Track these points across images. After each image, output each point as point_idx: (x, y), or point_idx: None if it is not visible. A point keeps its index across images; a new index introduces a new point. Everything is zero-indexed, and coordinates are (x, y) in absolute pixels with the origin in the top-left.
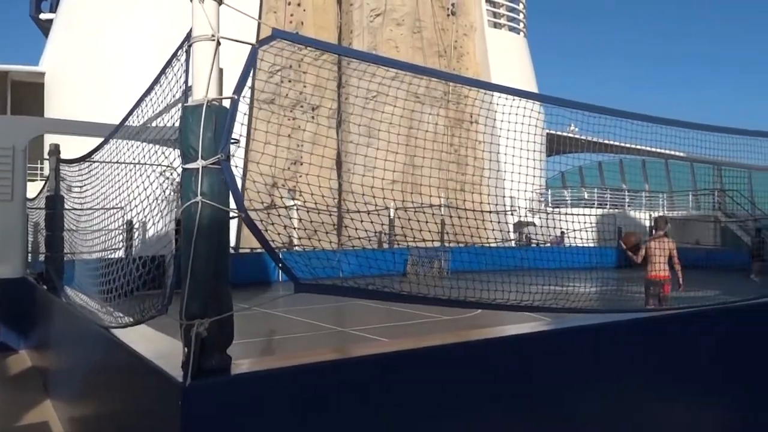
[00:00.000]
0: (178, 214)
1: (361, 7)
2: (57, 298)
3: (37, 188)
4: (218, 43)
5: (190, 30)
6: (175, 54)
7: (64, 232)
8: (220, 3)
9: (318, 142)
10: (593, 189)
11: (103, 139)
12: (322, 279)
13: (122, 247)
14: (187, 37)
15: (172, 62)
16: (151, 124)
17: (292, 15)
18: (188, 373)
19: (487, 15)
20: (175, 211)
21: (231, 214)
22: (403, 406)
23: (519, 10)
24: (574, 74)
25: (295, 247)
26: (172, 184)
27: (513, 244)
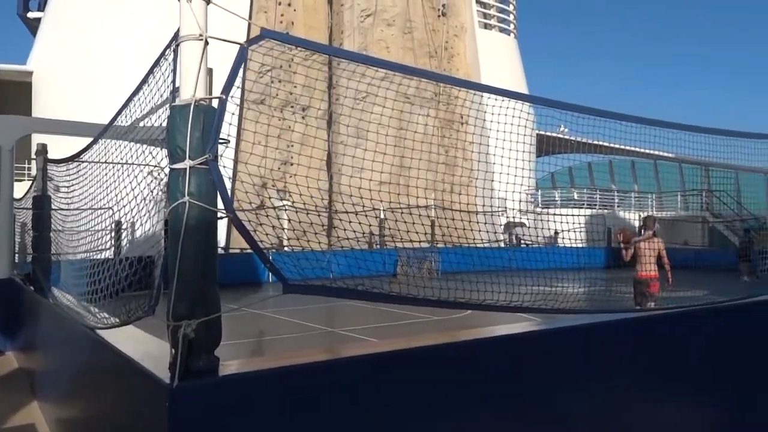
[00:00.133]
0: (165, 215)
1: (352, 8)
2: (44, 299)
3: (25, 188)
4: (206, 43)
5: (178, 29)
6: (163, 53)
7: (52, 233)
8: (208, 2)
9: (308, 143)
10: (583, 189)
11: (92, 140)
12: (311, 280)
13: (110, 248)
14: (175, 37)
15: (160, 62)
16: (139, 124)
17: (282, 15)
18: (175, 374)
19: (478, 16)
20: (163, 211)
21: (219, 215)
22: (394, 407)
23: (509, 11)
24: (565, 75)
25: (285, 248)
26: (160, 184)
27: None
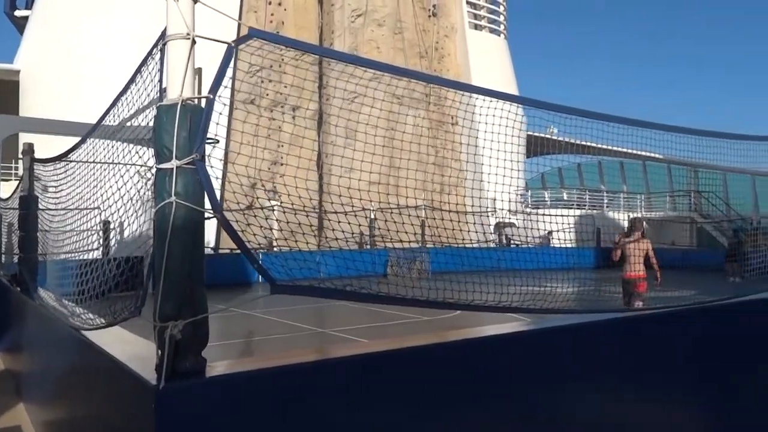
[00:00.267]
0: (152, 215)
1: (342, 8)
2: (30, 300)
3: (12, 188)
4: (193, 42)
5: (165, 28)
6: (150, 53)
7: (39, 233)
8: (196, 1)
9: (298, 143)
10: (573, 190)
11: (79, 139)
12: (299, 280)
13: (97, 248)
14: (162, 36)
15: (147, 61)
16: (126, 124)
17: (272, 15)
18: (162, 375)
19: (468, 16)
20: (151, 210)
21: (206, 215)
22: (384, 408)
23: (499, 12)
24: (560, 75)
25: (275, 248)
26: (147, 184)
27: (493, 245)
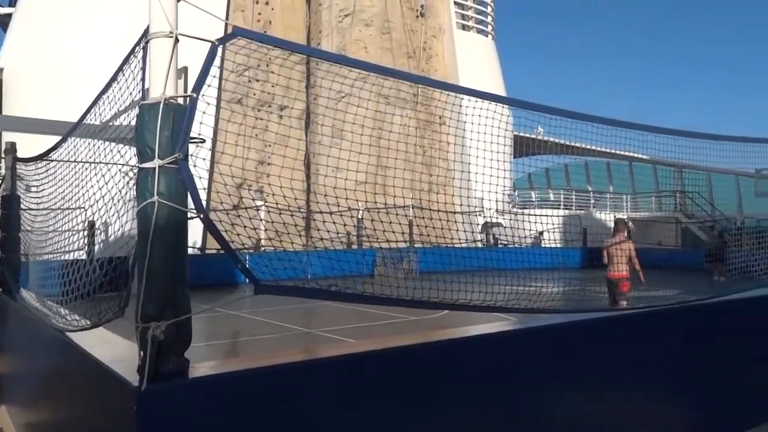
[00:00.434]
0: (134, 214)
1: (330, 8)
2: (12, 301)
3: None
4: (176, 40)
5: (148, 26)
6: (132, 51)
7: (21, 233)
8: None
9: (285, 143)
10: (559, 190)
11: (60, 138)
12: (284, 280)
13: (81, 249)
14: (145, 34)
15: (130, 59)
16: (109, 123)
17: (260, 14)
18: (144, 377)
19: (456, 17)
20: (133, 210)
21: (189, 215)
22: (370, 407)
23: (487, 13)
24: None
25: (262, 249)
26: (129, 183)
27: (480, 245)
